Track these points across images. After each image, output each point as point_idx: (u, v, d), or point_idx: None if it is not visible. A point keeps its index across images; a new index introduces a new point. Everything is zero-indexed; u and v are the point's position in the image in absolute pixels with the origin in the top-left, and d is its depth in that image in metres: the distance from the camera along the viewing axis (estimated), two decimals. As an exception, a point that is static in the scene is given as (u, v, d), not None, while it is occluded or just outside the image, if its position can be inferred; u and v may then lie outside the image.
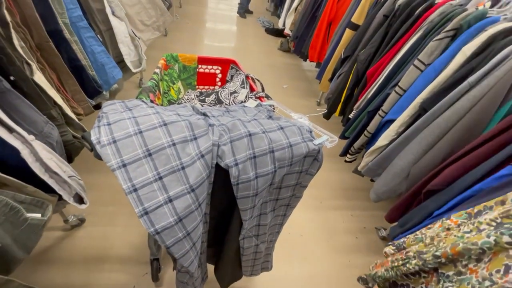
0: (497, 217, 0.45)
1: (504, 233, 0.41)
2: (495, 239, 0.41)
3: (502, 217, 0.45)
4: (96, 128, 0.62)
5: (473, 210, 0.55)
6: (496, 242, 0.41)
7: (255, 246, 0.83)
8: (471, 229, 0.48)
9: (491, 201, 0.53)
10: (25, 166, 0.58)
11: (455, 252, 0.47)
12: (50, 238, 1.21)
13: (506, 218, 0.44)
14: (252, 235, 0.80)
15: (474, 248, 0.44)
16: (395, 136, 1.16)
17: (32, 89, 0.75)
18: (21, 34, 0.82)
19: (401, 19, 1.32)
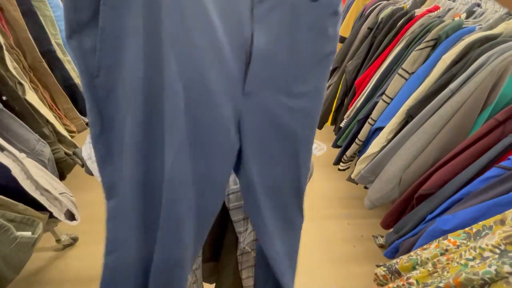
0: (500, 244, 0.43)
1: (505, 263, 0.39)
2: (496, 269, 0.40)
3: (506, 243, 0.42)
4: (87, 144, 0.63)
5: (471, 230, 0.53)
6: (497, 272, 0.40)
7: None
8: (474, 256, 0.46)
9: (490, 220, 0.50)
10: (16, 184, 0.58)
11: (457, 283, 0.44)
12: (42, 258, 1.18)
13: (510, 245, 0.42)
14: (251, 249, 0.77)
15: (475, 278, 0.42)
16: (385, 143, 1.19)
17: (24, 108, 0.77)
18: (14, 56, 0.84)
19: (384, 31, 1.37)
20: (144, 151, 0.36)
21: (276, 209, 0.47)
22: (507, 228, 0.45)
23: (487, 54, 0.89)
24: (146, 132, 0.35)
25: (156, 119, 0.34)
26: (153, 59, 0.32)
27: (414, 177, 1.05)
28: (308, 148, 0.46)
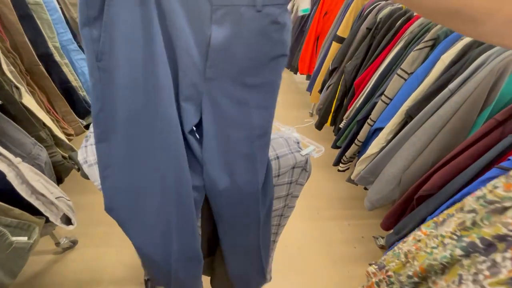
0: (456, 230, 0.45)
1: (457, 246, 0.41)
2: (451, 253, 0.42)
3: (460, 229, 0.45)
4: (83, 148, 0.63)
5: (438, 219, 0.55)
6: (452, 256, 0.42)
7: None
8: (437, 244, 0.48)
9: (453, 208, 0.52)
10: (11, 188, 0.57)
11: (422, 269, 0.47)
12: (41, 262, 1.18)
13: (463, 231, 0.44)
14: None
15: (435, 263, 0.45)
16: (384, 143, 1.18)
17: (20, 112, 0.76)
18: (11, 59, 0.84)
19: (383, 31, 1.37)
20: (132, 130, 0.47)
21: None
22: (461, 215, 0.47)
23: (486, 54, 0.88)
24: (135, 113, 0.46)
25: (143, 101, 0.46)
26: (140, 49, 0.42)
27: (414, 178, 1.04)
28: (263, 135, 0.56)
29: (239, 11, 0.42)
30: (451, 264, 0.42)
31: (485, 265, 0.37)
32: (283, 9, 0.44)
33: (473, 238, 0.40)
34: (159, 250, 0.60)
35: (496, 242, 0.37)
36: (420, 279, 0.49)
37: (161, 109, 0.47)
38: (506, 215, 0.37)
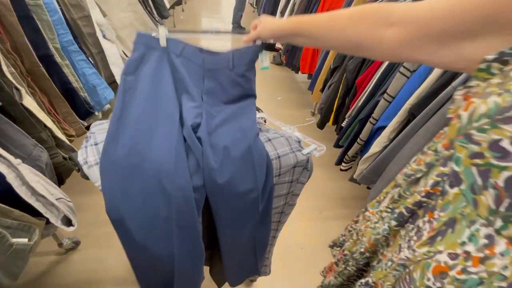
0: (389, 204, 0.50)
1: (391, 218, 0.46)
2: (388, 225, 0.47)
3: (392, 203, 0.50)
4: (83, 149, 0.63)
5: (380, 198, 0.59)
6: (390, 228, 0.47)
7: None
8: (378, 219, 0.53)
9: (389, 186, 0.56)
10: (11, 190, 0.57)
11: (370, 244, 0.52)
12: (44, 263, 1.18)
13: (394, 203, 0.49)
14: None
15: (379, 237, 0.49)
16: (387, 142, 1.17)
17: (21, 113, 0.76)
18: (11, 61, 0.84)
19: (385, 29, 1.35)
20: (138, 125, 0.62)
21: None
22: (392, 191, 0.52)
23: (490, 50, 0.86)
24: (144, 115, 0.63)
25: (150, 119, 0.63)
26: (156, 88, 0.65)
27: (417, 177, 1.03)
28: (255, 134, 0.66)
29: (220, 71, 0.69)
30: (391, 235, 0.48)
31: (414, 232, 0.41)
32: (248, 67, 0.69)
33: (401, 208, 0.44)
34: (162, 246, 0.61)
35: (416, 209, 0.42)
36: (371, 253, 0.54)
37: (166, 109, 0.63)
38: (419, 184, 0.42)
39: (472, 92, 0.34)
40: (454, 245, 0.34)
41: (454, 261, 0.34)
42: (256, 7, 4.63)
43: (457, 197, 0.34)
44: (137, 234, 0.59)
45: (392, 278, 0.44)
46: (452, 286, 0.33)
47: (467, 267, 0.32)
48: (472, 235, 0.32)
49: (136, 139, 0.59)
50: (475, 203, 0.32)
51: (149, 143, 0.59)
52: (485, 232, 0.31)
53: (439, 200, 0.37)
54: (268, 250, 0.91)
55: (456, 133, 0.33)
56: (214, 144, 0.61)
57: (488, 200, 0.30)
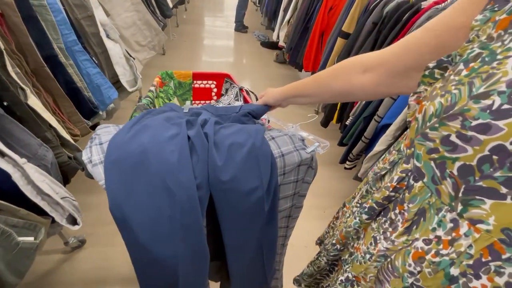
0: (358, 200, 0.54)
1: (362, 212, 0.49)
2: (359, 219, 0.50)
3: (360, 197, 0.54)
4: (88, 148, 0.63)
5: (354, 194, 0.63)
6: (360, 221, 0.50)
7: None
8: (349, 214, 0.57)
9: (362, 183, 0.60)
10: (17, 189, 0.58)
11: (342, 236, 0.55)
12: (50, 261, 1.20)
13: (362, 198, 0.53)
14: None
15: (350, 229, 0.52)
16: (392, 140, 1.16)
17: (26, 113, 0.77)
18: (16, 61, 0.85)
19: (390, 25, 1.33)
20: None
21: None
22: (363, 187, 0.56)
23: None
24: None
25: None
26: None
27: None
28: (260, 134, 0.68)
29: (228, 115, 0.76)
30: (362, 228, 0.51)
31: (387, 224, 0.45)
32: (250, 109, 0.78)
33: (370, 203, 0.48)
34: (166, 246, 0.60)
35: (387, 203, 0.45)
36: (341, 245, 0.57)
37: (176, 121, 0.65)
38: (384, 180, 0.46)
39: (421, 96, 0.39)
40: (427, 231, 0.37)
41: (429, 246, 0.37)
42: (258, 6, 4.62)
43: (422, 189, 0.38)
44: (140, 233, 0.59)
45: (374, 269, 0.47)
46: (429, 269, 0.37)
47: (439, 250, 0.36)
48: (440, 221, 0.36)
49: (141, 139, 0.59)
50: (437, 192, 0.35)
51: (153, 142, 0.59)
52: (450, 217, 0.34)
53: (406, 194, 0.41)
54: (278, 260, 0.89)
55: (415, 133, 0.37)
56: (218, 142, 0.61)
57: (448, 188, 0.34)
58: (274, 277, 0.90)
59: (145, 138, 0.59)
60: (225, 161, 0.59)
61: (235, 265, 0.74)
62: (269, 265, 0.79)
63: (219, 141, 0.62)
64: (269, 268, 0.80)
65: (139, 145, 0.58)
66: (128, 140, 0.59)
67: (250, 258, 0.75)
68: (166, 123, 0.64)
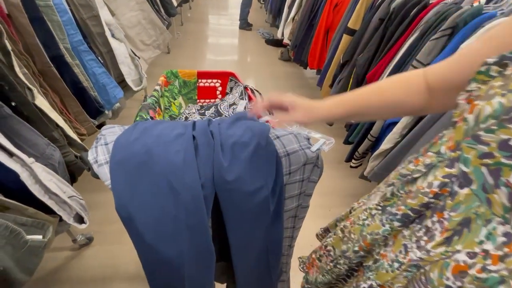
0: (379, 202, 0.50)
1: (393, 220, 0.46)
2: (390, 226, 0.46)
3: (383, 200, 0.50)
4: (93, 148, 0.63)
5: (370, 192, 0.60)
6: (392, 229, 0.46)
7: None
8: (367, 216, 0.53)
9: (382, 183, 0.56)
10: (25, 188, 0.59)
11: (367, 244, 0.51)
12: (59, 258, 1.22)
13: (386, 201, 0.49)
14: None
15: (378, 237, 0.48)
16: (399, 138, 1.14)
17: (33, 113, 0.78)
18: (23, 61, 0.86)
19: (396, 21, 1.31)
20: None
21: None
22: (384, 188, 0.52)
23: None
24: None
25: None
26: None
27: (431, 174, 1.00)
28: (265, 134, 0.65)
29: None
30: (392, 235, 0.47)
31: (422, 232, 0.41)
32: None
33: (404, 210, 0.44)
34: (171, 246, 0.60)
35: (424, 210, 0.41)
36: (365, 252, 0.53)
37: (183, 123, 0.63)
38: (419, 184, 0.42)
39: (474, 95, 0.35)
40: (472, 244, 0.34)
41: (473, 260, 0.34)
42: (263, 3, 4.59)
43: (469, 197, 0.34)
44: (146, 233, 0.59)
45: (403, 279, 0.44)
46: (472, 285, 0.34)
47: (486, 265, 0.33)
48: (489, 234, 0.32)
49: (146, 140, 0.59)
50: (488, 202, 0.32)
51: (158, 142, 0.59)
52: (503, 230, 0.31)
53: (448, 201, 0.38)
54: (285, 262, 0.88)
55: (463, 135, 0.34)
56: (223, 141, 0.61)
57: (501, 198, 0.30)
58: (281, 280, 0.90)
59: (150, 138, 0.60)
60: (230, 161, 0.59)
61: (240, 265, 0.73)
62: (275, 266, 0.79)
63: (223, 140, 0.61)
64: (275, 269, 0.80)
65: (144, 146, 0.58)
66: (133, 141, 0.59)
67: (255, 258, 0.74)
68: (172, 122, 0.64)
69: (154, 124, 0.64)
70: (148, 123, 0.65)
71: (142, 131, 0.61)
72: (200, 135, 0.61)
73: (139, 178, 0.58)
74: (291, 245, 0.86)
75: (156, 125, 0.64)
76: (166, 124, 0.65)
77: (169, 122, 0.67)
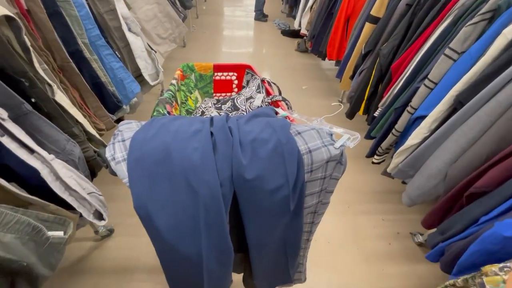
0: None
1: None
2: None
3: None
4: (111, 145, 0.62)
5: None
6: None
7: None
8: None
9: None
10: (46, 185, 0.59)
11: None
12: (83, 248, 1.26)
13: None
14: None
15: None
16: (427, 133, 1.06)
17: (53, 109, 0.78)
18: (43, 57, 0.86)
19: (426, 6, 1.21)
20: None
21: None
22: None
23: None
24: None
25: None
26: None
27: (463, 172, 0.93)
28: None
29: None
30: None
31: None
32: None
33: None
34: (190, 244, 0.60)
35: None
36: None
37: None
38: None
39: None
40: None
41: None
42: (279, -7, 4.47)
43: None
44: (165, 232, 0.58)
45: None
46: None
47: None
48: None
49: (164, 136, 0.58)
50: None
51: (176, 138, 0.57)
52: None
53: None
54: (302, 254, 0.87)
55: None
56: (242, 138, 0.58)
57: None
58: (298, 270, 0.89)
59: (167, 134, 0.58)
60: (250, 159, 0.56)
61: (258, 259, 0.73)
62: (292, 261, 0.77)
63: (242, 137, 0.59)
64: (292, 264, 0.79)
65: (161, 142, 0.57)
66: (150, 137, 0.58)
67: (273, 253, 0.74)
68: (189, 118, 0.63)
69: (171, 120, 0.62)
70: (165, 119, 0.63)
71: (159, 128, 0.60)
72: (218, 131, 0.59)
73: (157, 176, 0.56)
74: (309, 238, 0.84)
75: (173, 121, 0.62)
76: (183, 120, 0.63)
77: (186, 118, 0.65)
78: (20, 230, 0.51)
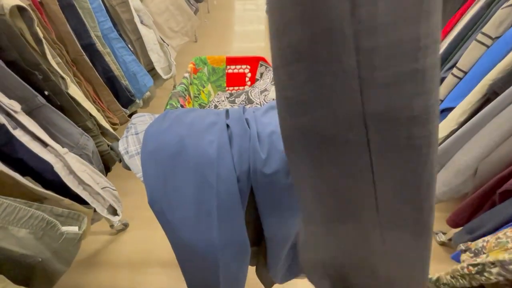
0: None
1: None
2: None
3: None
4: (124, 139, 0.61)
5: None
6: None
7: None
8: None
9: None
10: (59, 179, 0.58)
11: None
12: (99, 241, 1.28)
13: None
14: None
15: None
16: (455, 126, 0.99)
17: (67, 102, 0.77)
18: (57, 51, 0.86)
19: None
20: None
21: None
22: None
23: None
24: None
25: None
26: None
27: (496, 168, 0.86)
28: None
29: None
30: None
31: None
32: None
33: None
34: (205, 240, 0.58)
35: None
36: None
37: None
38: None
39: None
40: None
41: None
42: (292, -17, 4.35)
43: None
44: (180, 227, 0.56)
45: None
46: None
47: None
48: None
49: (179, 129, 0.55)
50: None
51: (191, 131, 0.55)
52: None
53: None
54: None
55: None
56: (259, 130, 0.55)
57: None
58: None
59: (181, 126, 0.55)
60: (268, 152, 0.53)
61: (274, 254, 0.71)
62: None
63: (260, 129, 0.56)
64: None
65: (176, 135, 0.54)
66: (164, 130, 0.56)
67: (290, 246, 0.71)
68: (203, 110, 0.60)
69: (185, 112, 0.60)
70: (179, 111, 0.61)
71: (174, 119, 0.58)
72: (234, 123, 0.55)
73: (171, 170, 0.54)
74: None
75: (188, 113, 0.59)
76: (198, 112, 0.60)
77: (200, 110, 0.62)
78: (34, 225, 0.51)
